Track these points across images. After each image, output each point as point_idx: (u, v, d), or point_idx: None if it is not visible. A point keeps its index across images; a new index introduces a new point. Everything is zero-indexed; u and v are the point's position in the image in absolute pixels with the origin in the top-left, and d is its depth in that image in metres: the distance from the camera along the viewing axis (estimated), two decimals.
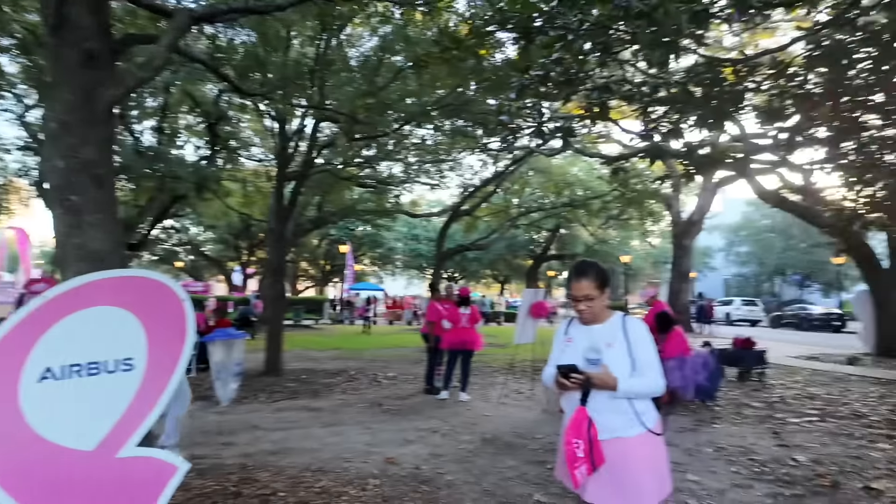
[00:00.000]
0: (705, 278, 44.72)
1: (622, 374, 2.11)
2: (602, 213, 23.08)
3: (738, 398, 7.34)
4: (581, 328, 2.27)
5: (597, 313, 2.22)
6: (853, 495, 3.78)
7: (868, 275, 11.94)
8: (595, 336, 2.21)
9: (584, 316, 2.24)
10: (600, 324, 2.23)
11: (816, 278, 37.86)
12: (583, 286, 2.19)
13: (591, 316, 2.22)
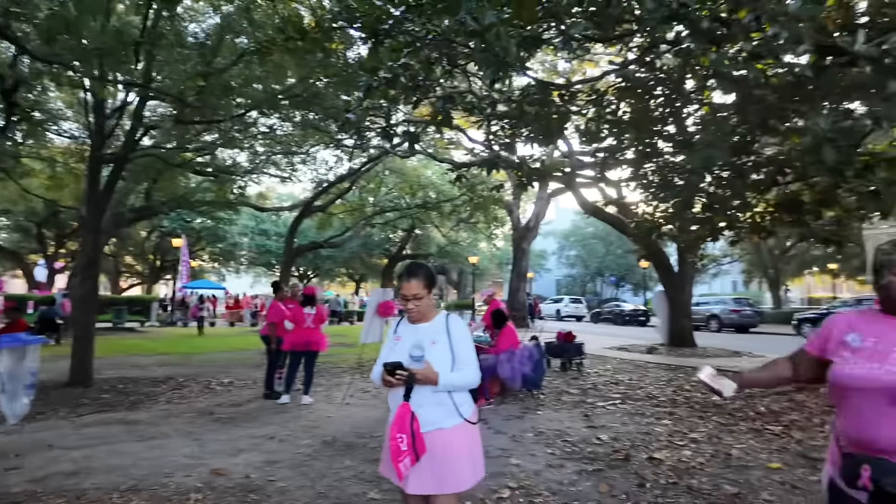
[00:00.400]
0: (541, 278, 49.20)
1: (444, 369, 2.24)
2: (453, 216, 24.15)
3: (559, 386, 8.21)
4: (409, 327, 2.36)
5: (424, 312, 2.34)
6: (640, 465, 4.46)
7: (663, 277, 14.23)
8: (421, 334, 2.32)
9: (412, 315, 2.34)
10: (427, 322, 2.34)
11: (629, 280, 43.94)
12: (412, 286, 2.30)
13: (418, 315, 2.33)
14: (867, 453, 1.68)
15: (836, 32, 4.62)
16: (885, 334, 1.73)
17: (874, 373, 1.67)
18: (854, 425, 1.72)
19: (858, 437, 1.71)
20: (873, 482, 1.62)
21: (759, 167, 7.93)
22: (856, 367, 1.72)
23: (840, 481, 1.75)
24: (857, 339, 1.77)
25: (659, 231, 9.14)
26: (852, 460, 1.69)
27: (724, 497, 3.75)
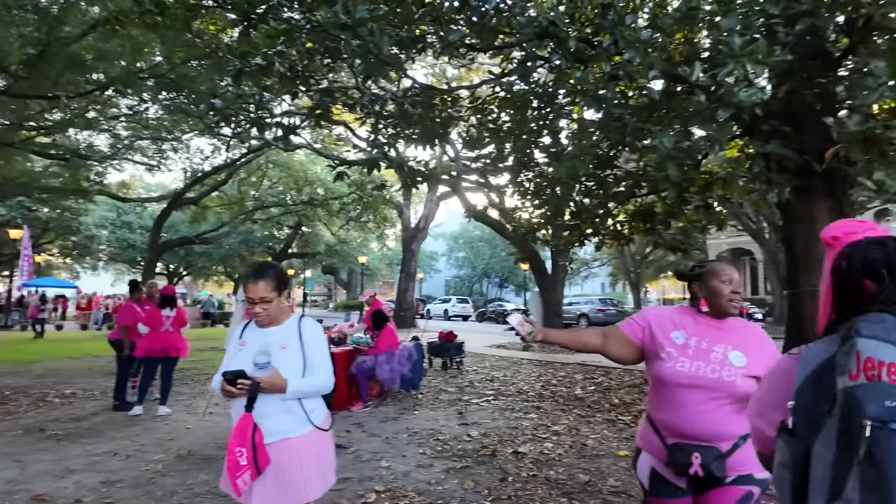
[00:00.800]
0: (431, 279, 49.94)
1: (294, 375, 2.13)
2: (341, 214, 23.62)
3: (438, 385, 8.34)
4: (257, 331, 2.22)
5: (274, 315, 2.20)
6: (505, 460, 4.65)
7: (538, 279, 15.16)
8: (270, 339, 2.18)
9: (260, 319, 2.19)
10: (277, 326, 2.21)
11: (512, 281, 46.16)
12: (259, 289, 2.15)
13: (267, 319, 2.19)
14: (694, 443, 1.82)
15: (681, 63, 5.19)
16: (704, 334, 1.92)
17: (700, 371, 1.84)
18: (680, 418, 1.85)
19: (683, 429, 1.84)
20: (703, 468, 1.77)
21: (620, 180, 8.70)
22: (684, 365, 1.86)
23: (665, 469, 1.89)
24: (682, 337, 1.92)
25: (533, 235, 9.67)
26: (681, 450, 1.82)
27: (577, 485, 4.03)
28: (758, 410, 1.14)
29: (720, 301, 1.92)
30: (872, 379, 0.80)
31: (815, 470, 0.86)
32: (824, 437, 0.86)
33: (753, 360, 1.86)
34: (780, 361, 1.14)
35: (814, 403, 0.90)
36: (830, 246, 1.10)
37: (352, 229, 29.63)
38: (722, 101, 4.67)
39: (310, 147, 15.55)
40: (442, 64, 14.67)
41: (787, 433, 0.93)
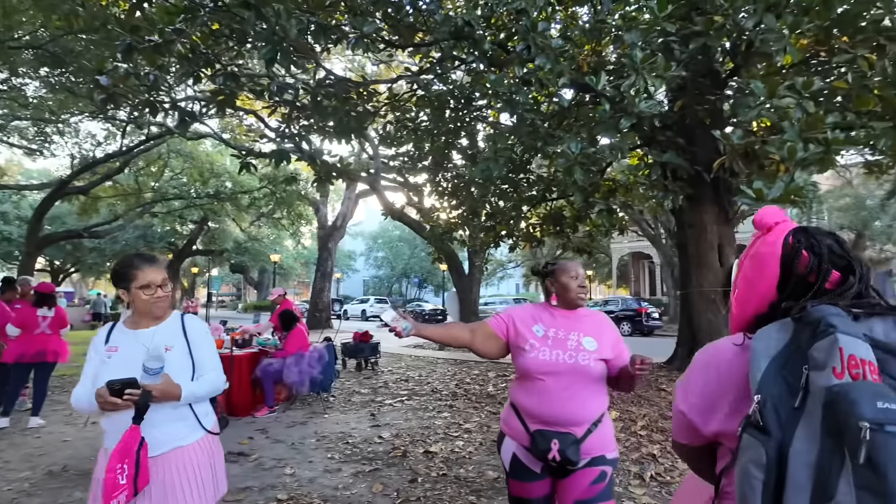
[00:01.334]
0: (348, 279, 49.00)
1: (184, 378, 1.94)
2: (252, 210, 22.46)
3: (351, 387, 8.15)
4: (129, 333, 1.98)
5: (165, 307, 2.01)
6: (416, 460, 4.60)
7: (455, 279, 15.34)
8: (156, 340, 1.97)
9: (160, 306, 1.99)
10: (156, 325, 2.00)
11: (431, 281, 46.42)
12: (162, 271, 1.98)
13: (162, 310, 2.01)
14: (553, 429, 1.97)
15: (588, 73, 5.45)
16: (560, 325, 2.10)
17: (559, 358, 2.01)
18: (542, 404, 2.00)
19: (545, 415, 1.99)
20: (560, 453, 1.92)
21: (532, 184, 9.01)
22: (545, 354, 2.03)
23: (525, 454, 2.03)
24: (542, 329, 2.10)
25: (450, 235, 9.75)
26: (542, 436, 1.97)
27: (486, 482, 4.06)
28: (691, 403, 1.08)
29: (569, 294, 2.13)
30: (857, 377, 0.77)
31: (793, 470, 0.81)
32: (802, 436, 0.81)
33: (603, 344, 2.06)
34: (716, 351, 1.08)
35: (781, 398, 0.86)
36: (770, 230, 1.07)
37: (264, 226, 28.32)
38: (625, 111, 4.94)
39: (216, 136, 14.61)
40: (361, 59, 14.40)
41: (757, 429, 0.86)
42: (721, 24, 4.80)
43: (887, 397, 0.74)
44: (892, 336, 0.86)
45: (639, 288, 32.43)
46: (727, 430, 0.99)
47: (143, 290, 1.93)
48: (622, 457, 4.52)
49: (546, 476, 2.04)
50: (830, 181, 23.21)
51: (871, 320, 0.89)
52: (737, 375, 0.97)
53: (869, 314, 0.90)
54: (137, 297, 1.93)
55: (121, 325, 1.99)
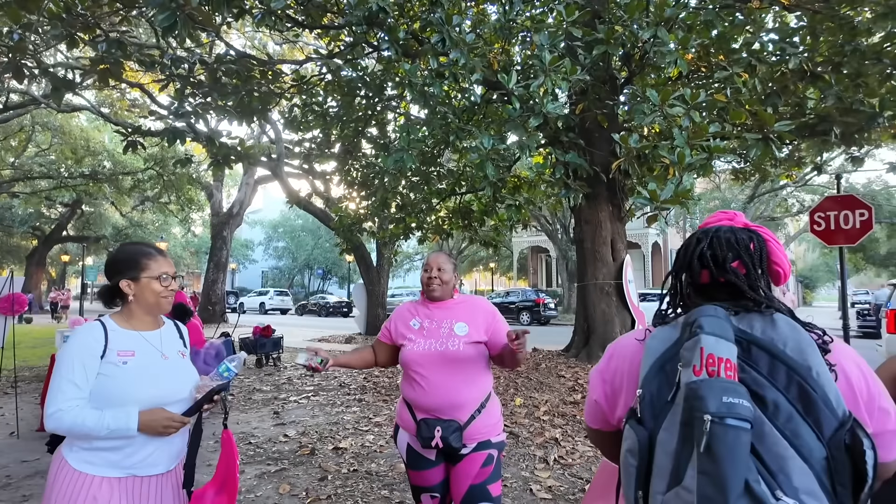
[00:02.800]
0: (245, 270, 46.43)
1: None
2: (135, 193, 20.43)
3: (252, 384, 7.73)
4: (134, 335, 1.76)
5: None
6: (325, 458, 4.47)
7: (363, 270, 15.08)
8: (166, 344, 1.83)
9: (167, 303, 1.84)
10: (161, 327, 1.82)
11: (336, 273, 45.34)
12: (172, 266, 1.84)
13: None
14: (436, 417, 2.09)
15: (499, 71, 5.58)
16: (434, 315, 2.22)
17: (432, 347, 2.13)
18: (422, 395, 2.11)
19: (427, 404, 2.10)
20: (443, 440, 2.03)
21: (442, 177, 9.09)
22: (419, 345, 2.15)
23: (416, 443, 2.13)
24: (418, 322, 2.22)
25: (359, 226, 9.56)
26: (427, 425, 2.07)
27: (398, 476, 4.05)
28: (599, 391, 1.14)
29: (422, 286, 2.25)
30: (713, 374, 0.83)
31: (658, 457, 0.88)
32: (668, 426, 0.88)
33: (474, 327, 2.16)
34: (624, 344, 1.14)
35: (659, 392, 0.93)
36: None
37: (148, 210, 25.88)
38: (533, 110, 5.13)
39: (94, 110, 13.05)
40: (263, 38, 13.59)
41: (636, 420, 0.94)
42: (620, 33, 5.13)
43: (734, 393, 0.81)
44: (768, 332, 0.93)
45: (537, 280, 34.13)
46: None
47: (158, 280, 1.67)
48: (528, 441, 4.73)
49: (440, 462, 2.14)
50: (702, 185, 25.95)
51: (750, 316, 0.96)
52: (635, 370, 1.03)
53: (750, 311, 0.96)
54: (149, 289, 1.66)
55: (115, 325, 1.66)
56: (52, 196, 22.57)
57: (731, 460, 0.78)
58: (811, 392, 0.85)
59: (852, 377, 0.94)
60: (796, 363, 0.88)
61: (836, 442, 0.83)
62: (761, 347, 0.91)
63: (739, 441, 0.78)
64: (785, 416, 0.84)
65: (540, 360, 8.51)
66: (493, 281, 44.85)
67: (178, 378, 1.69)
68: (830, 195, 7.35)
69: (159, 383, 1.62)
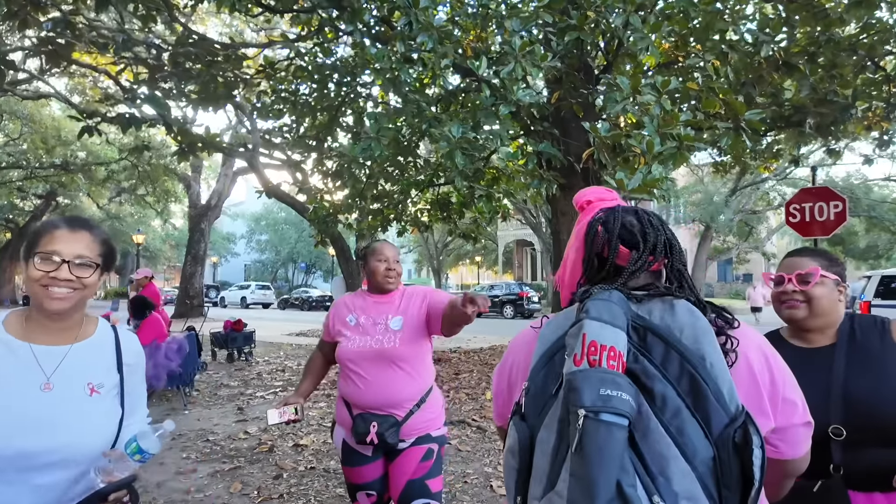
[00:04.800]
0: (227, 263, 45.88)
1: (111, 431, 1.40)
2: (110, 184, 19.93)
3: (220, 379, 7.54)
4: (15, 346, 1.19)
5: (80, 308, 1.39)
6: (283, 454, 4.33)
7: (342, 264, 14.86)
8: (74, 369, 1.24)
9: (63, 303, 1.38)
10: (83, 340, 1.26)
11: (319, 266, 44.96)
12: (81, 239, 1.41)
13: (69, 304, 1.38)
14: (372, 412, 2.00)
15: (472, 57, 5.43)
16: (370, 310, 2.13)
17: (367, 344, 2.04)
18: (358, 392, 2.04)
19: (363, 401, 2.02)
20: (378, 436, 1.95)
21: (420, 169, 8.92)
22: (354, 343, 2.06)
23: (351, 439, 2.05)
24: (354, 318, 2.13)
25: (335, 218, 9.36)
26: (363, 420, 1.99)
27: None
28: (499, 386, 1.06)
29: (377, 278, 2.12)
30: (594, 364, 0.74)
31: (537, 457, 0.79)
32: (548, 423, 0.79)
33: (409, 318, 2.08)
34: (520, 337, 1.06)
35: (544, 385, 0.84)
36: (583, 210, 1.06)
37: (126, 203, 25.34)
38: (504, 98, 4.99)
39: (58, 97, 12.64)
40: (240, 25, 13.27)
41: (519, 416, 0.85)
42: (594, 19, 5.01)
43: (612, 384, 0.71)
44: (665, 319, 0.83)
45: (522, 273, 34.15)
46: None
47: (35, 259, 1.11)
48: (494, 436, 4.63)
49: (378, 458, 2.07)
50: (686, 178, 26.07)
51: (651, 302, 0.86)
52: (528, 360, 0.93)
53: (651, 296, 0.87)
54: (28, 274, 1.12)
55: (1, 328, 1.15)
56: (25, 187, 21.96)
57: (600, 460, 0.68)
58: (702, 384, 0.76)
59: (755, 365, 0.85)
60: (690, 352, 0.78)
61: (723, 440, 0.74)
62: (657, 335, 0.81)
63: (612, 438, 0.69)
64: (672, 410, 0.74)
65: None
66: (479, 275, 44.82)
67: (64, 424, 1.09)
68: (805, 187, 7.36)
69: (21, 431, 1.05)
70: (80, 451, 1.10)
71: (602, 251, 0.94)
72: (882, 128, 7.09)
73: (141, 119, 4.91)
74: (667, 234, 0.94)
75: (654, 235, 0.92)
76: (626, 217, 0.96)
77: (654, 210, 17.86)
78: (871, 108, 7.02)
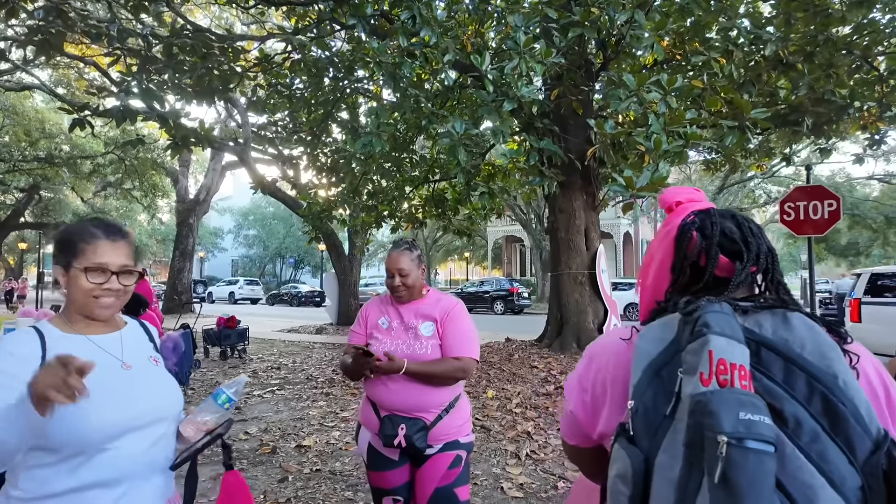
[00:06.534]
0: (214, 259, 45.33)
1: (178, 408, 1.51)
2: (96, 178, 19.55)
3: (214, 377, 7.43)
4: (77, 340, 1.33)
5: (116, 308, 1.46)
6: (287, 456, 4.26)
7: (335, 259, 14.77)
8: (128, 351, 1.41)
9: (112, 305, 1.42)
10: (120, 329, 1.40)
11: (308, 261, 44.63)
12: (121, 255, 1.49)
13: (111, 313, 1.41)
14: (400, 414, 1.97)
15: (472, 53, 5.37)
16: (403, 315, 2.11)
17: (398, 347, 2.01)
18: (386, 395, 1.99)
19: (391, 403, 1.98)
20: (406, 439, 1.92)
21: (416, 164, 8.86)
22: (385, 346, 2.03)
23: (377, 442, 2.01)
24: (386, 321, 2.12)
25: (329, 214, 9.28)
26: (391, 421, 1.96)
27: (363, 475, 3.86)
28: (577, 401, 0.97)
29: (390, 292, 2.13)
30: (724, 384, 0.68)
31: (657, 485, 0.73)
32: (668, 447, 0.73)
33: (440, 326, 2.05)
34: (603, 347, 0.98)
35: (654, 405, 0.77)
36: (671, 211, 0.98)
37: (111, 197, 24.88)
38: (507, 94, 4.94)
39: (44, 88, 12.32)
40: (231, 16, 13.04)
41: (627, 439, 0.78)
42: (597, 16, 4.98)
43: (752, 407, 0.66)
44: (780, 333, 0.78)
45: (511, 269, 34.22)
46: (609, 435, 0.90)
47: (85, 274, 1.22)
48: (499, 436, 4.61)
49: (404, 463, 2.03)
50: (674, 175, 26.29)
51: (760, 315, 0.81)
52: (621, 375, 0.87)
53: (758, 308, 0.82)
54: (76, 284, 1.23)
55: (54, 330, 1.25)
56: (7, 180, 21.46)
57: (753, 493, 0.62)
58: (838, 406, 0.70)
59: (873, 380, 0.80)
60: (817, 369, 0.72)
61: (871, 467, 0.67)
62: (773, 350, 0.75)
63: (763, 469, 0.63)
64: (809, 434, 0.69)
65: (513, 350, 8.43)
66: (468, 270, 44.86)
67: (152, 392, 1.29)
68: (800, 185, 7.41)
69: (125, 403, 1.22)
70: (172, 409, 1.32)
71: (698, 259, 0.89)
72: (877, 128, 7.17)
73: (135, 112, 4.78)
74: (767, 242, 0.90)
75: (756, 244, 0.88)
76: (725, 223, 0.90)
77: (646, 208, 17.88)
78: (866, 108, 7.10)
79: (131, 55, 4.78)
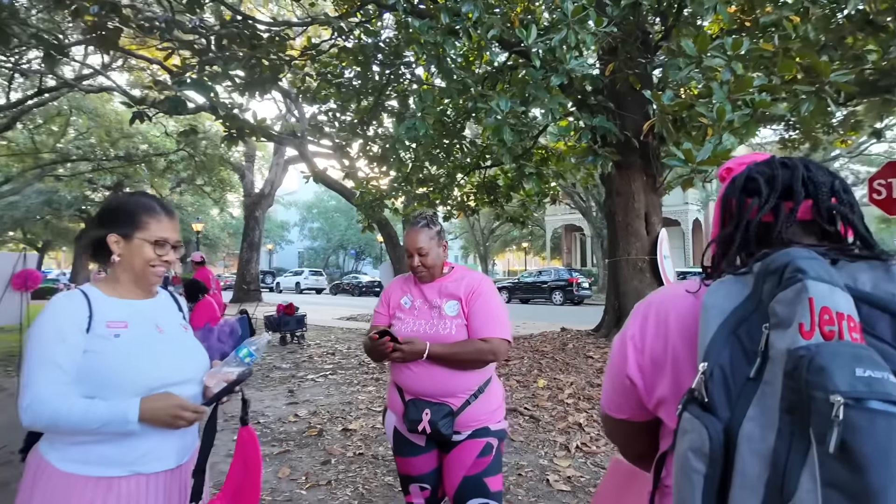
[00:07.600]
0: (282, 251, 47.32)
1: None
2: (170, 175, 20.82)
3: (273, 362, 7.68)
4: (122, 304, 1.48)
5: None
6: (332, 439, 4.30)
7: (390, 249, 14.92)
8: (158, 315, 1.55)
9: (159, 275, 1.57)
10: (152, 298, 1.52)
11: (369, 253, 45.65)
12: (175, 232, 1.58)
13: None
14: (425, 399, 1.87)
15: (519, 28, 5.14)
16: (425, 294, 2.00)
17: (421, 329, 1.91)
18: (411, 378, 1.89)
19: (415, 388, 1.89)
20: (431, 425, 1.82)
21: (466, 152, 8.71)
22: (408, 326, 1.93)
23: (403, 427, 1.92)
24: (409, 300, 2.02)
25: (381, 203, 9.33)
26: (415, 406, 1.87)
27: None
28: (637, 364, 0.83)
29: (412, 271, 2.04)
30: (831, 336, 0.58)
31: (742, 458, 0.62)
32: (756, 415, 0.63)
33: (465, 306, 1.92)
34: (666, 299, 0.84)
35: (733, 366, 0.67)
36: (724, 180, 0.91)
37: (186, 192, 26.44)
38: (555, 69, 4.70)
39: (118, 90, 13.18)
40: (288, 12, 13.37)
41: (700, 406, 0.68)
42: None
43: (870, 363, 0.55)
44: (883, 287, 0.65)
45: (571, 259, 33.38)
46: (670, 402, 0.78)
47: (153, 246, 1.37)
48: (549, 426, 4.43)
49: (431, 449, 1.94)
50: None
51: (854, 266, 0.68)
52: (686, 333, 0.77)
53: (852, 258, 0.70)
54: (139, 254, 1.37)
55: (98, 293, 1.37)
56: (94, 179, 23.25)
57: (885, 465, 0.52)
58: None
59: None
60: None
61: None
62: (877, 306, 0.64)
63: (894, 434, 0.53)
64: None
65: (567, 340, 8.16)
66: (526, 261, 44.23)
67: (182, 354, 1.40)
68: (892, 161, 6.64)
69: (159, 360, 1.33)
70: (198, 373, 1.43)
71: (762, 208, 0.78)
72: None
73: (186, 103, 4.95)
74: (843, 182, 0.79)
75: (828, 181, 0.77)
76: (776, 169, 0.80)
77: (714, 191, 16.98)
78: None
79: (184, 47, 4.95)
